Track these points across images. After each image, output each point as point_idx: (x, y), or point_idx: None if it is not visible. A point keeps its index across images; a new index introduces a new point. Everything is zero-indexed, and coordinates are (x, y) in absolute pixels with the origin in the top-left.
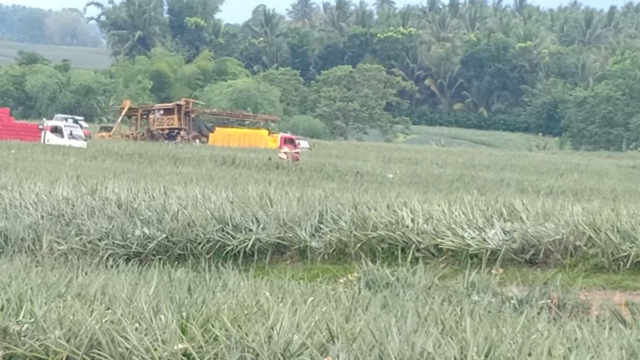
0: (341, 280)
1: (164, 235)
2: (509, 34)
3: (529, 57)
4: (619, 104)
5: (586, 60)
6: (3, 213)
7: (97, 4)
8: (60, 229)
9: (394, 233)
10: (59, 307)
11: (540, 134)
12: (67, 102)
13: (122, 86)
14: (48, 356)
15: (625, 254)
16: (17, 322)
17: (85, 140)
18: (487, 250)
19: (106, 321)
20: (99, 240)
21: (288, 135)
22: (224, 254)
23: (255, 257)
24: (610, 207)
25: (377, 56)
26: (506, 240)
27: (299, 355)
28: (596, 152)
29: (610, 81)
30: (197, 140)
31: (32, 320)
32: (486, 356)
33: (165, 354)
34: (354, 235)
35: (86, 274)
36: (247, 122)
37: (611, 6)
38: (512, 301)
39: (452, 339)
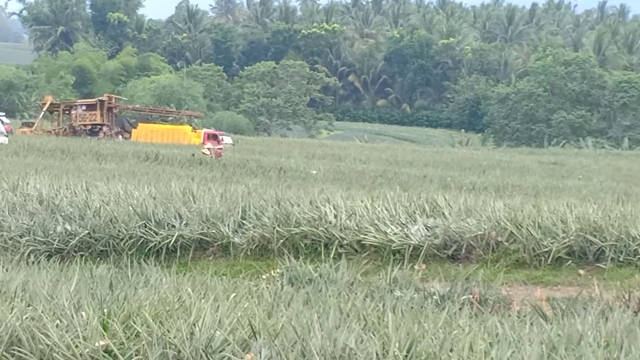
0: (264, 277)
1: (86, 231)
2: (432, 30)
3: (451, 53)
4: (541, 101)
5: (508, 57)
6: None
7: None
8: None
9: (317, 229)
10: None
11: (463, 130)
12: None
13: (44, 82)
14: None
15: (546, 249)
16: None
17: (7, 136)
18: (410, 246)
19: (27, 318)
20: (20, 236)
21: (211, 131)
22: (146, 250)
23: (178, 253)
24: (532, 203)
25: (300, 52)
26: (428, 236)
27: (220, 351)
28: (518, 148)
29: (532, 78)
30: (120, 136)
31: None
32: (408, 352)
33: (87, 350)
34: (277, 231)
35: (7, 270)
36: (170, 118)
37: (533, 3)
38: (434, 297)
39: (374, 335)
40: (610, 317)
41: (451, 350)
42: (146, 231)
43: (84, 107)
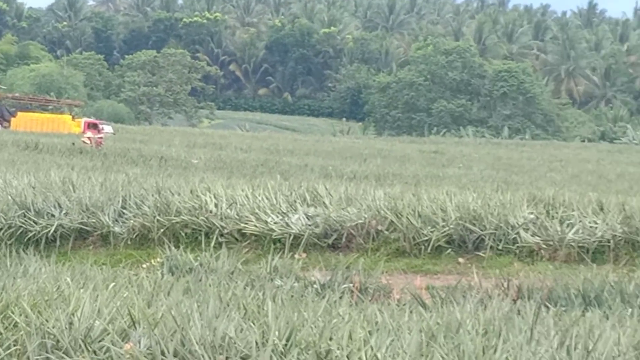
0: (144, 266)
1: None
2: (313, 19)
3: (333, 42)
4: (422, 90)
5: (389, 46)
6: None
7: None
8: None
9: (198, 218)
10: None
11: (344, 119)
12: None
13: None
14: None
15: (426, 238)
16: None
17: None
18: (291, 235)
19: None
20: None
21: (92, 120)
22: (25, 240)
23: (58, 242)
24: (412, 192)
25: (182, 41)
26: (309, 225)
27: (100, 341)
28: (399, 137)
29: (413, 67)
30: None
31: None
32: (287, 340)
33: None
34: (158, 220)
35: None
36: (50, 107)
37: None
38: (315, 285)
39: (253, 324)
40: (489, 305)
41: (330, 339)
42: (25, 221)
43: None
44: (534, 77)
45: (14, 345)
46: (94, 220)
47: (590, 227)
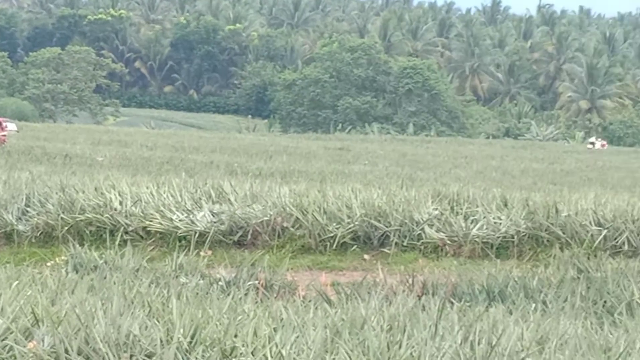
0: (48, 264)
1: None
2: (218, 16)
3: (238, 39)
4: (327, 87)
5: (295, 43)
6: None
7: None
8: None
9: (102, 216)
10: None
11: (250, 116)
12: None
13: None
14: None
15: (331, 234)
16: None
17: None
18: (196, 232)
19: None
20: None
21: None
22: None
23: None
24: (317, 188)
25: (86, 38)
26: (214, 222)
27: (3, 339)
28: (305, 134)
29: (318, 64)
30: None
31: None
32: (192, 338)
33: None
34: (62, 218)
35: None
36: None
37: None
38: (220, 283)
39: (158, 321)
40: (394, 301)
41: (235, 336)
42: None
43: None
44: (439, 74)
45: None
46: None
47: (495, 222)
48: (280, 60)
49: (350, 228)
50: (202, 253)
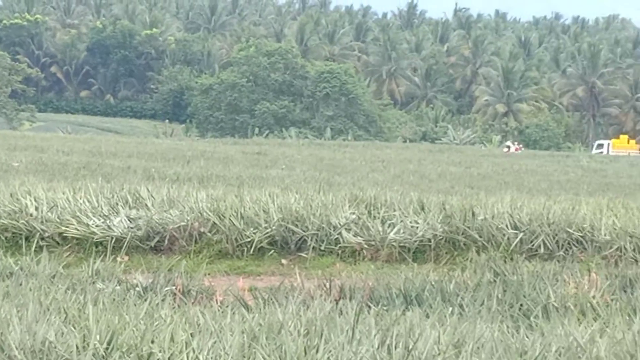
0: None
1: None
2: (134, 21)
3: (155, 44)
4: (244, 91)
5: (212, 47)
6: None
7: None
8: None
9: (18, 222)
10: None
11: (167, 120)
12: None
13: None
14: None
15: (249, 239)
16: None
17: None
18: (112, 237)
19: None
20: None
21: None
22: None
23: None
24: (235, 193)
25: (1, 43)
26: (131, 228)
27: None
28: (222, 138)
29: (235, 68)
30: None
31: None
32: (109, 344)
33: None
34: None
35: None
36: None
37: None
38: (137, 288)
39: (74, 328)
40: (311, 305)
41: (152, 342)
42: None
43: None
44: (356, 78)
45: None
46: None
47: (412, 226)
48: (197, 64)
49: (267, 233)
50: (118, 259)
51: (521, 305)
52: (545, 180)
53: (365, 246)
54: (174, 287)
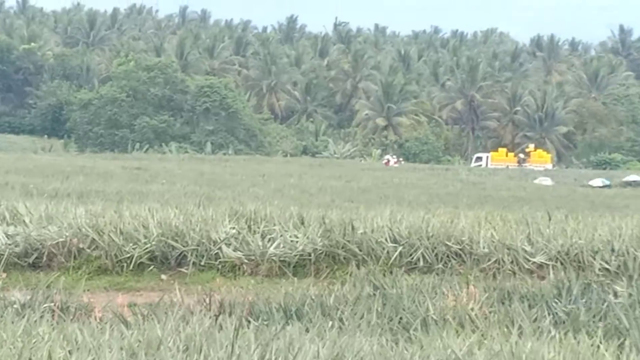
0: None
1: None
2: (12, 35)
3: (33, 59)
4: (124, 106)
5: (90, 62)
6: None
7: None
8: None
9: None
10: None
11: (46, 136)
12: None
13: None
14: None
15: (128, 255)
16: None
17: None
18: None
19: None
20: None
21: None
22: None
23: None
24: (114, 209)
25: None
26: (9, 244)
27: None
28: (102, 154)
29: (115, 83)
30: None
31: None
32: None
33: None
34: None
35: None
36: None
37: (114, 7)
38: (15, 306)
39: None
40: (191, 321)
41: None
42: None
43: None
44: (236, 93)
45: None
46: None
47: (292, 241)
48: (76, 79)
49: (147, 248)
50: None
51: (400, 318)
52: (425, 193)
53: (246, 261)
54: (52, 304)
